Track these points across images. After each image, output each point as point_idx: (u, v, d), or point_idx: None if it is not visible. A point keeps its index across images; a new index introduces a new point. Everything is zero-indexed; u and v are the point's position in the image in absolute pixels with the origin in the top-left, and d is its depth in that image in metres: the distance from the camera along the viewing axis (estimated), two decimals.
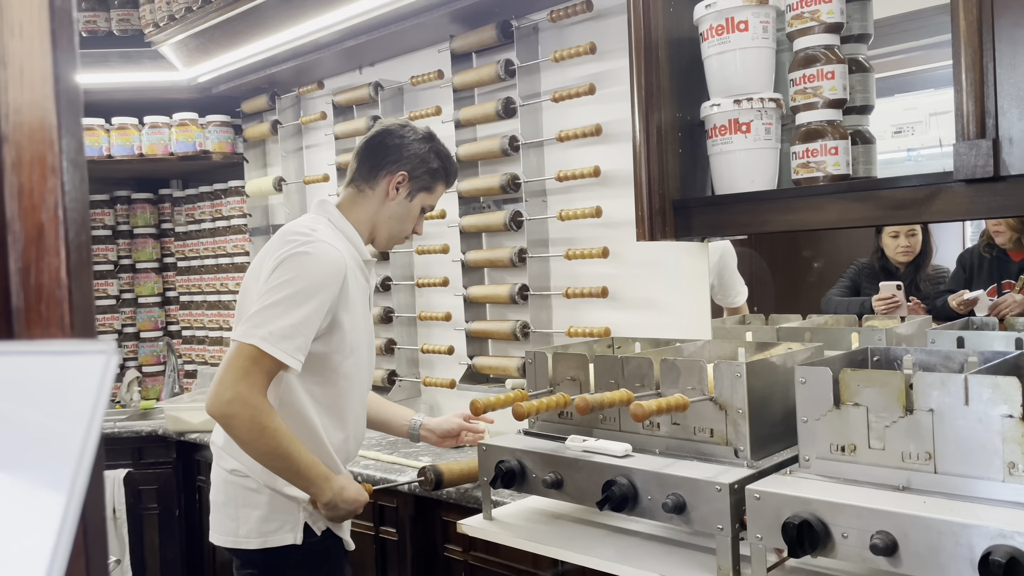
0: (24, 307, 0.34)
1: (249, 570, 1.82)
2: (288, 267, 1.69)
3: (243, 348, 1.63)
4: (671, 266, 2.27)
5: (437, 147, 1.92)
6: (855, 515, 1.20)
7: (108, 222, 4.09)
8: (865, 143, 1.85)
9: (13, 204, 0.34)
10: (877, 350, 1.64)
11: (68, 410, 0.27)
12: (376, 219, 1.89)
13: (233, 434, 1.66)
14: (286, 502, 1.78)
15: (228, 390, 1.61)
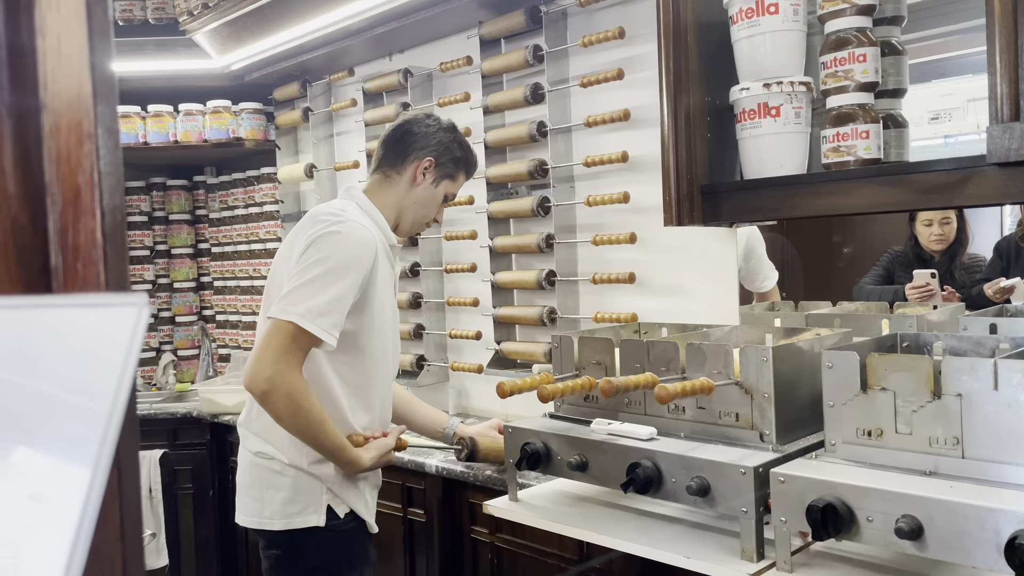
0: (62, 267, 0.36)
1: (274, 551, 1.85)
2: (321, 246, 1.73)
3: (281, 325, 1.67)
4: (699, 252, 2.27)
5: (460, 137, 1.98)
6: (881, 499, 1.20)
7: (144, 208, 4.17)
8: (897, 127, 1.83)
9: (51, 168, 0.36)
10: (907, 336, 1.63)
11: (100, 361, 0.29)
12: (402, 204, 1.94)
13: (269, 410, 1.70)
14: (310, 483, 1.81)
15: (268, 367, 1.65)
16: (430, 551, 2.38)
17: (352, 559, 1.87)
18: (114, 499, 0.35)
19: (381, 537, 2.54)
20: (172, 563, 3.29)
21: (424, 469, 2.33)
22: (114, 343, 0.29)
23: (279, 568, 1.86)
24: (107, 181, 0.37)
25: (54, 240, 0.36)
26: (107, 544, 0.35)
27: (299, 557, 1.82)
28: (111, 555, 0.35)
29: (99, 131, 0.36)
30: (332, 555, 1.84)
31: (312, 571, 1.83)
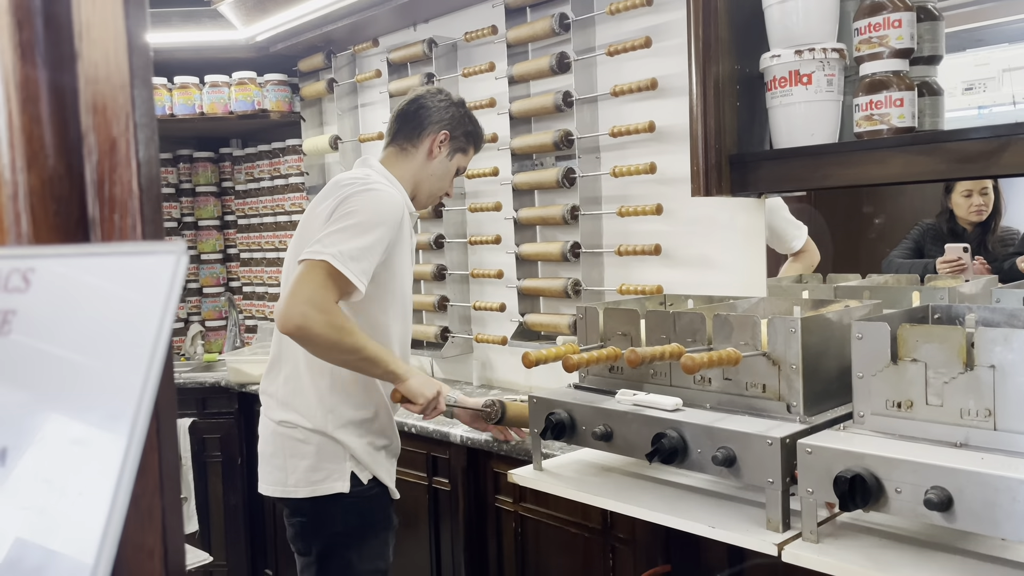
0: (99, 218, 0.36)
1: (299, 518, 1.88)
2: (353, 201, 1.76)
3: (314, 265, 1.67)
4: (726, 223, 2.24)
5: (469, 112, 2.06)
6: (910, 470, 1.19)
7: (171, 180, 4.20)
8: (932, 95, 1.79)
9: (88, 118, 0.36)
10: (939, 308, 1.60)
11: (140, 307, 0.29)
12: (419, 177, 1.99)
13: (312, 341, 1.68)
14: (333, 450, 1.83)
15: (303, 303, 1.64)
16: (454, 520, 2.40)
17: (376, 525, 1.90)
18: (153, 449, 0.35)
19: (406, 505, 2.57)
20: (202, 529, 3.35)
21: (449, 439, 2.35)
22: (154, 290, 0.29)
23: (304, 535, 1.89)
24: (143, 132, 0.37)
25: (91, 191, 0.36)
26: (146, 494, 0.36)
27: (324, 523, 1.85)
28: (150, 505, 0.36)
29: (134, 81, 0.36)
30: (356, 521, 1.87)
31: (337, 536, 1.86)
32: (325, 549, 1.88)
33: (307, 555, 1.90)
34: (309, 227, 1.86)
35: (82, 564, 0.27)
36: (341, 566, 1.87)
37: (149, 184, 0.37)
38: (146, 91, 0.37)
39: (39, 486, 0.29)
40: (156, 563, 0.36)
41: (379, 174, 1.92)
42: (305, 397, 1.84)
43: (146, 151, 0.37)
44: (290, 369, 1.87)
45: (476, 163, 2.93)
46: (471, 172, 2.87)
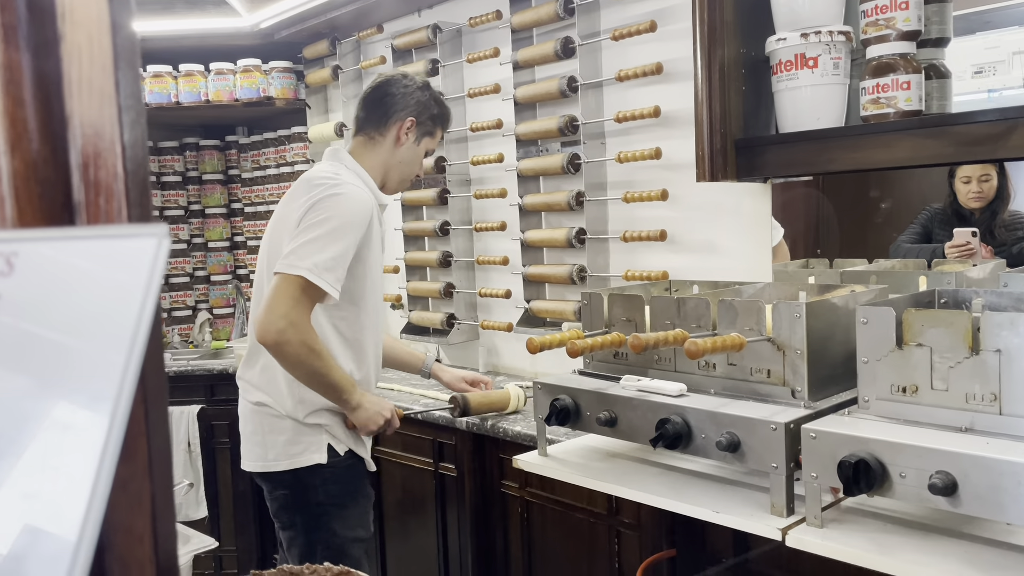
0: (85, 201, 0.36)
1: (281, 491, 1.96)
2: (323, 207, 1.83)
3: (290, 279, 1.77)
4: (732, 208, 2.23)
5: (435, 94, 2.09)
6: (914, 455, 1.19)
7: (178, 168, 4.20)
8: (940, 78, 1.77)
9: (72, 101, 0.36)
10: (945, 292, 1.59)
11: (121, 291, 0.29)
12: (388, 164, 2.04)
13: (284, 358, 1.80)
14: (309, 428, 1.93)
15: (281, 319, 1.75)
16: (461, 505, 2.41)
17: (355, 493, 1.98)
18: (141, 434, 0.35)
19: (413, 491, 2.59)
20: (211, 514, 3.38)
21: (455, 425, 2.35)
22: (136, 272, 0.29)
23: (288, 507, 1.96)
24: (128, 115, 0.36)
25: (76, 174, 0.36)
26: (135, 478, 0.36)
27: (306, 494, 1.93)
28: (139, 489, 0.36)
29: (118, 63, 0.36)
30: (336, 490, 1.94)
31: (318, 506, 1.94)
32: (309, 520, 1.95)
33: (291, 528, 1.97)
34: (282, 225, 1.92)
35: (66, 542, 0.27)
36: (325, 535, 1.95)
37: (135, 167, 0.37)
38: (131, 73, 0.37)
39: (24, 466, 0.29)
40: (146, 547, 0.36)
41: (349, 169, 1.97)
42: (278, 387, 1.92)
43: (131, 134, 0.37)
44: (267, 360, 1.93)
45: (481, 149, 2.92)
46: (476, 159, 2.87)
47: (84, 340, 0.29)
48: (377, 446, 2.71)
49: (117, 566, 0.34)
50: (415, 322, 3.16)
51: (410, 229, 3.16)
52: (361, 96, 2.08)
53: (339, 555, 1.94)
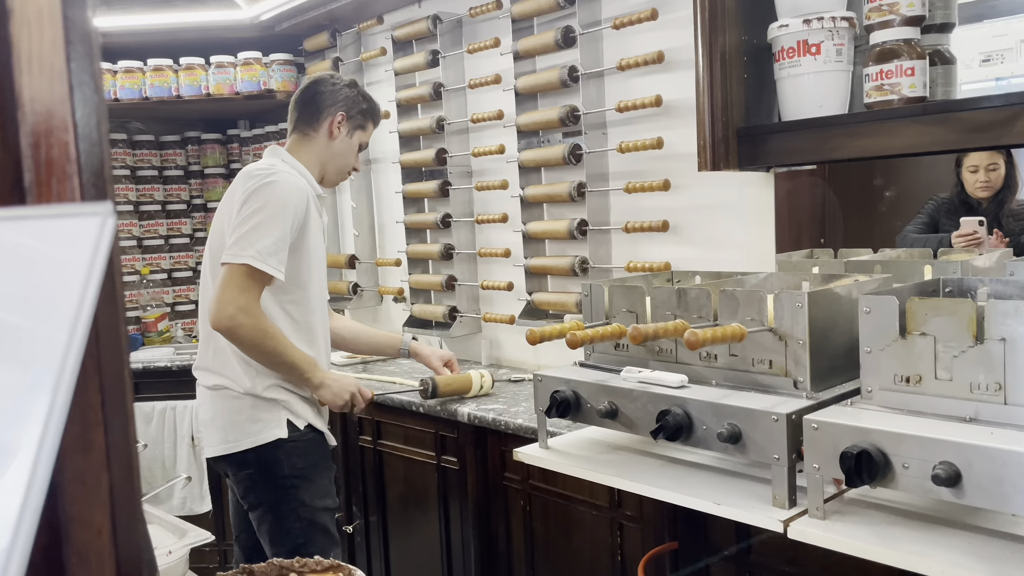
0: (36, 182, 0.35)
1: (246, 470, 2.02)
2: (258, 196, 1.94)
3: (237, 268, 1.89)
4: (735, 198, 2.21)
5: (362, 91, 2.23)
6: (917, 445, 1.17)
7: (180, 163, 4.20)
8: (945, 64, 1.74)
9: (22, 78, 0.34)
10: (950, 281, 1.57)
11: (63, 273, 0.28)
12: (323, 158, 2.17)
13: (239, 342, 1.93)
14: (267, 404, 2.01)
15: (230, 305, 1.87)
16: (463, 497, 2.40)
17: (318, 465, 2.06)
18: (98, 424, 0.34)
19: (415, 484, 2.58)
20: (215, 509, 3.38)
21: (456, 417, 2.34)
22: (78, 252, 0.28)
23: (255, 486, 2.02)
24: (80, 92, 0.35)
25: (27, 155, 0.35)
26: (92, 471, 0.34)
27: (271, 470, 2.00)
28: (96, 482, 0.35)
29: (69, 37, 0.34)
30: (300, 462, 2.03)
31: (285, 479, 2.01)
32: (276, 495, 2.01)
33: (261, 506, 2.03)
34: (223, 218, 2.03)
35: None
36: (295, 507, 2.01)
37: (89, 147, 0.35)
38: (83, 47, 0.35)
39: None
40: (104, 541, 0.35)
41: (284, 163, 2.08)
42: (232, 366, 2.01)
43: (84, 112, 0.35)
44: (217, 343, 2.03)
45: (482, 141, 2.91)
46: (477, 150, 2.85)
47: (24, 317, 0.28)
48: (379, 439, 2.70)
49: (75, 559, 0.33)
50: (417, 315, 3.15)
51: (411, 222, 3.15)
52: (293, 97, 2.20)
53: (310, 525, 2.03)
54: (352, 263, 3.44)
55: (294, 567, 0.84)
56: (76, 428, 0.33)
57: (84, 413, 0.34)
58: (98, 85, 0.36)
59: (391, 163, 3.27)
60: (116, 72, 3.63)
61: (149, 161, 4.13)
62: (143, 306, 4.02)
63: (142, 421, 3.35)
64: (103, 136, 0.36)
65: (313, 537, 2.03)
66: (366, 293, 3.46)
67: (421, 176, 3.16)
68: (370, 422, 2.72)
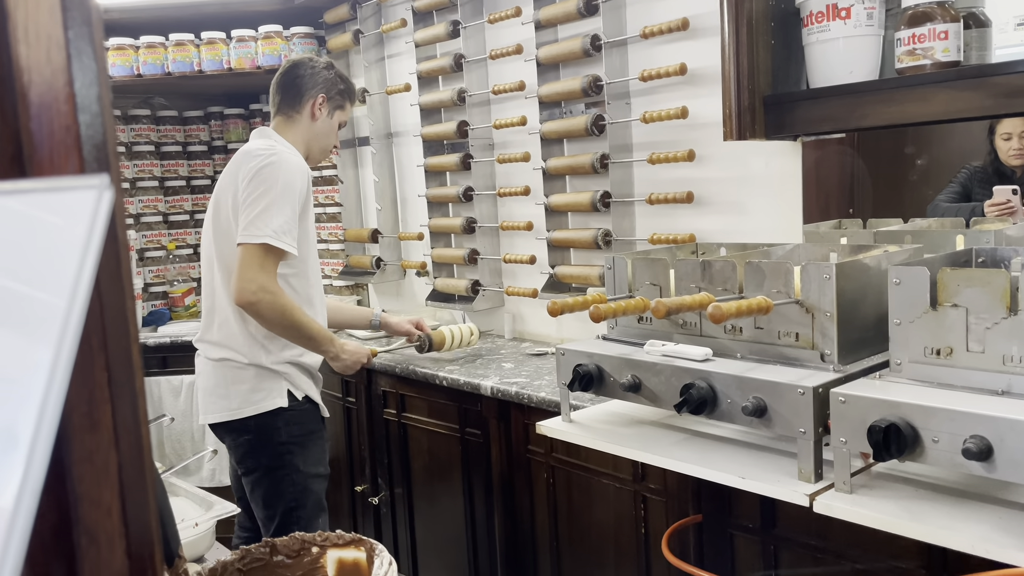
0: (34, 154, 0.34)
1: (246, 436, 2.12)
2: (265, 176, 2.04)
3: (255, 248, 2.00)
4: (761, 168, 2.17)
5: (339, 72, 2.35)
6: (947, 419, 1.15)
7: (203, 138, 4.21)
8: (979, 27, 1.69)
9: (19, 49, 0.33)
10: (983, 251, 1.54)
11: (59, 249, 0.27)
12: (307, 137, 2.28)
13: (262, 317, 2.04)
14: (269, 375, 2.12)
15: (252, 283, 1.98)
16: (487, 470, 2.41)
17: (312, 434, 2.18)
18: (105, 401, 0.33)
19: (439, 457, 2.59)
20: None
21: (479, 390, 2.35)
22: (75, 228, 0.27)
23: (252, 452, 2.12)
24: (79, 61, 0.34)
25: (25, 127, 0.34)
26: (100, 449, 0.34)
27: (269, 436, 2.10)
28: (105, 461, 0.34)
29: (67, 4, 0.33)
30: (297, 431, 2.14)
31: (281, 445, 2.12)
32: (272, 460, 2.12)
33: (256, 471, 2.13)
34: (225, 195, 2.13)
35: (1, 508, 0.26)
36: (288, 472, 2.12)
37: (89, 119, 0.34)
38: (81, 14, 0.34)
39: None
40: (114, 519, 0.34)
41: (279, 143, 2.18)
42: (238, 340, 2.11)
43: (83, 82, 0.34)
44: (222, 317, 2.14)
45: (504, 112, 2.88)
46: (499, 122, 2.82)
47: (23, 285, 0.27)
48: (404, 412, 2.72)
49: (85, 539, 0.33)
50: (440, 289, 3.15)
51: (433, 195, 3.13)
52: (274, 80, 2.30)
53: (303, 491, 2.13)
54: (375, 237, 3.45)
55: (316, 540, 0.84)
56: (83, 407, 0.32)
57: (91, 391, 0.33)
58: (98, 54, 0.35)
59: (412, 136, 3.25)
60: (139, 48, 3.64)
61: (173, 137, 4.14)
62: (170, 281, 4.06)
63: (170, 394, 3.39)
64: (105, 107, 0.35)
65: (304, 502, 2.13)
66: (389, 267, 3.46)
67: (443, 149, 3.14)
68: (394, 395, 2.74)
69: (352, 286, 3.75)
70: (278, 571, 0.86)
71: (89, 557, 0.33)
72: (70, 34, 0.33)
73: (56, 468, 0.30)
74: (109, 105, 0.36)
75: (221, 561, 0.87)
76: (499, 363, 2.57)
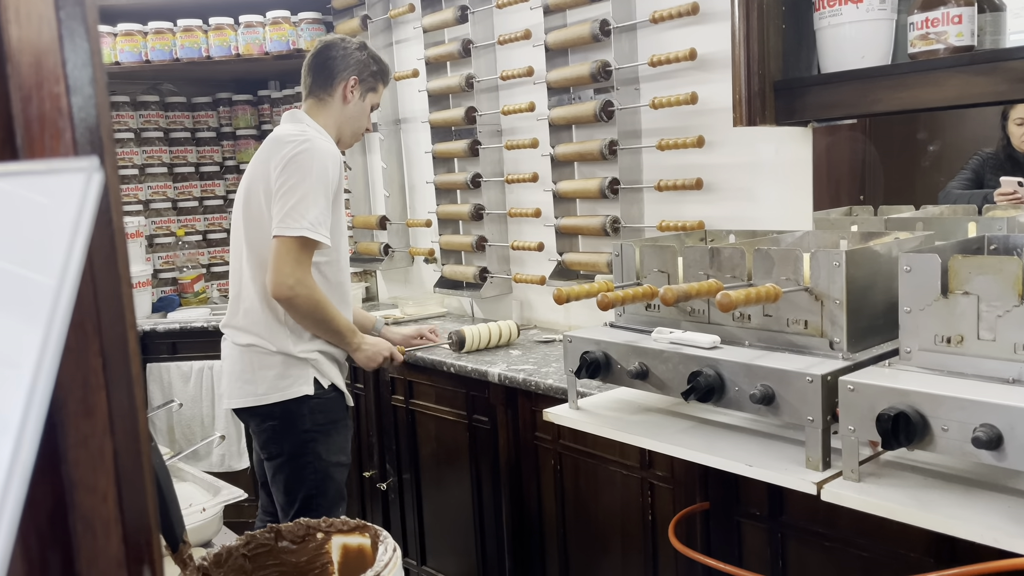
0: (27, 137, 0.34)
1: (271, 422, 2.11)
2: (298, 164, 2.01)
3: (291, 240, 1.98)
4: (771, 154, 2.15)
5: (372, 52, 2.28)
6: (958, 407, 1.14)
7: (212, 124, 4.21)
8: (994, 11, 1.66)
9: (10, 29, 0.33)
10: (995, 238, 1.52)
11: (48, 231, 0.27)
12: (339, 121, 2.24)
13: (295, 310, 2.05)
14: (298, 362, 2.10)
15: (289, 277, 1.99)
16: (494, 456, 2.41)
17: (338, 422, 2.17)
18: (100, 387, 0.33)
19: (447, 443, 2.60)
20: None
21: (487, 377, 2.34)
22: (63, 210, 0.27)
23: (277, 438, 2.11)
24: (72, 42, 0.33)
25: (17, 109, 0.33)
26: (96, 435, 0.34)
27: (294, 423, 2.09)
28: (100, 446, 0.34)
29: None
30: (321, 419, 2.13)
31: (305, 432, 2.11)
32: (296, 447, 2.10)
33: (279, 456, 2.12)
34: (257, 183, 2.09)
35: None
36: (311, 460, 2.11)
37: (82, 101, 0.34)
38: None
39: None
40: (110, 505, 0.34)
41: (311, 127, 2.15)
42: (266, 327, 2.10)
43: (75, 63, 0.34)
44: (248, 304, 2.13)
45: (512, 99, 2.86)
46: (507, 108, 2.81)
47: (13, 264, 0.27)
48: (412, 399, 2.72)
49: (81, 525, 0.33)
50: (448, 276, 3.14)
51: (441, 182, 3.13)
52: (305, 62, 2.26)
53: (324, 478, 2.12)
54: (383, 224, 3.44)
55: (320, 527, 0.84)
56: (78, 392, 0.32)
57: (85, 377, 0.33)
58: (92, 35, 0.34)
59: (420, 122, 3.24)
60: (147, 34, 3.63)
61: (182, 123, 4.14)
62: (179, 267, 4.07)
63: (180, 380, 3.41)
64: (99, 88, 0.34)
65: (325, 489, 2.12)
66: (397, 254, 3.46)
67: (451, 135, 3.13)
68: (402, 382, 2.74)
69: (360, 273, 3.75)
70: (283, 556, 0.86)
71: (85, 544, 0.33)
72: (62, 14, 0.33)
73: (51, 454, 0.30)
74: (104, 86, 0.35)
75: (226, 547, 0.88)
76: (507, 350, 2.57)
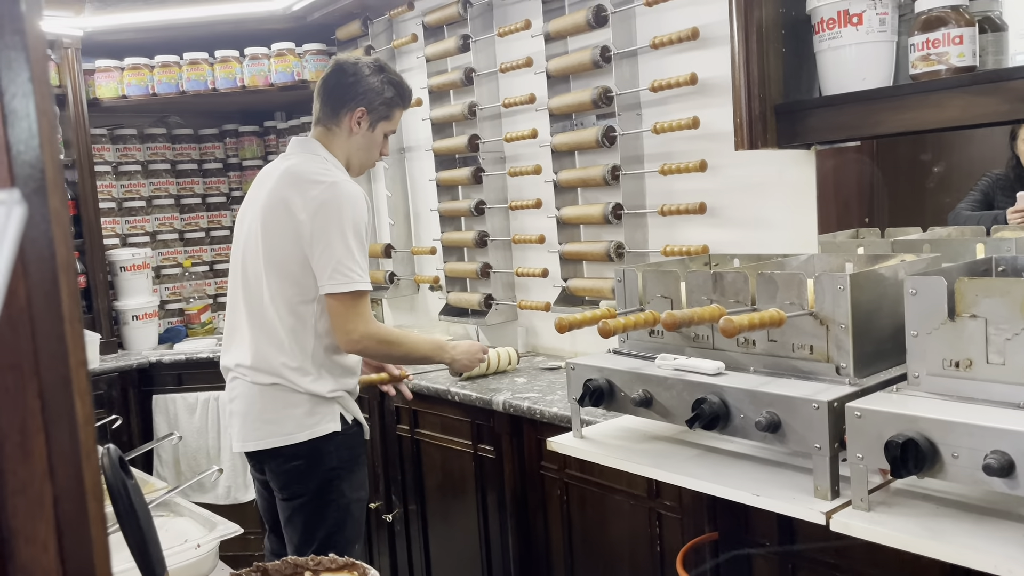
0: None
1: (295, 462, 2.01)
2: (333, 210, 1.93)
3: (346, 296, 1.94)
4: (774, 178, 2.14)
5: (388, 76, 2.11)
6: (967, 433, 1.11)
7: (219, 155, 4.23)
8: (995, 31, 1.65)
9: None
10: (1003, 260, 1.49)
11: None
12: (348, 152, 2.11)
13: (374, 358, 2.13)
14: (326, 400, 2.02)
15: (355, 332, 1.96)
16: (500, 486, 2.38)
17: (359, 458, 2.10)
18: (38, 431, 0.31)
19: (453, 473, 2.57)
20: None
21: (491, 406, 2.32)
22: None
23: (301, 477, 2.02)
24: (9, 70, 0.32)
25: None
26: (34, 481, 0.32)
27: (321, 461, 2.01)
28: (39, 493, 0.32)
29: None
30: (346, 455, 2.05)
31: (331, 471, 2.02)
32: (321, 485, 2.02)
33: (301, 496, 2.02)
34: (278, 216, 1.98)
35: None
36: (334, 497, 2.02)
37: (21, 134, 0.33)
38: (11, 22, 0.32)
39: None
40: (50, 556, 0.32)
41: (327, 159, 2.06)
42: (286, 370, 1.99)
43: (13, 93, 0.32)
44: (257, 347, 2.01)
45: (514, 126, 2.86)
46: (510, 135, 2.81)
47: None
48: (417, 428, 2.69)
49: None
50: (453, 303, 3.13)
51: (445, 209, 3.12)
52: (317, 84, 2.11)
53: (345, 514, 2.04)
54: (388, 252, 3.44)
55: (308, 565, 0.82)
56: (15, 436, 0.31)
57: (23, 420, 0.31)
58: (34, 63, 0.33)
59: (424, 151, 3.24)
60: (153, 67, 3.67)
61: (188, 155, 4.17)
62: (186, 298, 4.08)
63: (186, 411, 3.40)
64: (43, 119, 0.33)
65: (344, 526, 2.05)
66: (403, 282, 3.45)
67: (454, 163, 3.14)
68: (407, 411, 2.72)
69: None
70: None
71: None
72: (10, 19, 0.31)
73: None
74: (51, 117, 0.34)
75: None
76: (512, 377, 2.55)
